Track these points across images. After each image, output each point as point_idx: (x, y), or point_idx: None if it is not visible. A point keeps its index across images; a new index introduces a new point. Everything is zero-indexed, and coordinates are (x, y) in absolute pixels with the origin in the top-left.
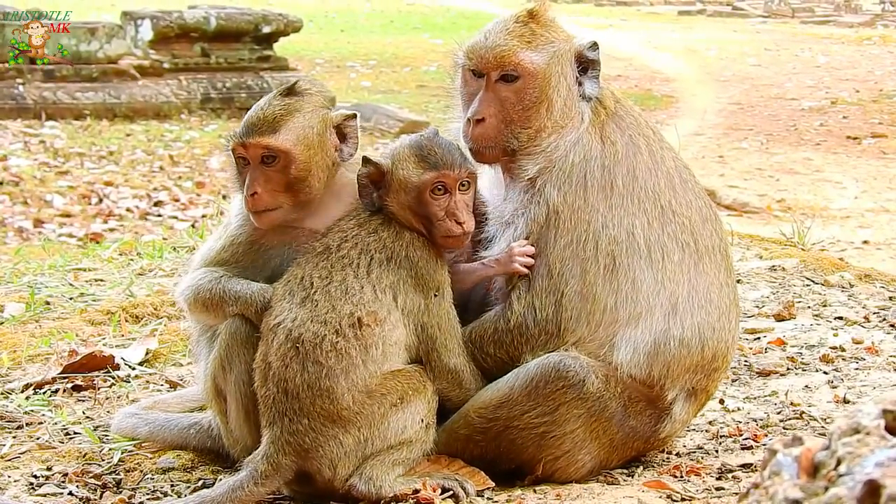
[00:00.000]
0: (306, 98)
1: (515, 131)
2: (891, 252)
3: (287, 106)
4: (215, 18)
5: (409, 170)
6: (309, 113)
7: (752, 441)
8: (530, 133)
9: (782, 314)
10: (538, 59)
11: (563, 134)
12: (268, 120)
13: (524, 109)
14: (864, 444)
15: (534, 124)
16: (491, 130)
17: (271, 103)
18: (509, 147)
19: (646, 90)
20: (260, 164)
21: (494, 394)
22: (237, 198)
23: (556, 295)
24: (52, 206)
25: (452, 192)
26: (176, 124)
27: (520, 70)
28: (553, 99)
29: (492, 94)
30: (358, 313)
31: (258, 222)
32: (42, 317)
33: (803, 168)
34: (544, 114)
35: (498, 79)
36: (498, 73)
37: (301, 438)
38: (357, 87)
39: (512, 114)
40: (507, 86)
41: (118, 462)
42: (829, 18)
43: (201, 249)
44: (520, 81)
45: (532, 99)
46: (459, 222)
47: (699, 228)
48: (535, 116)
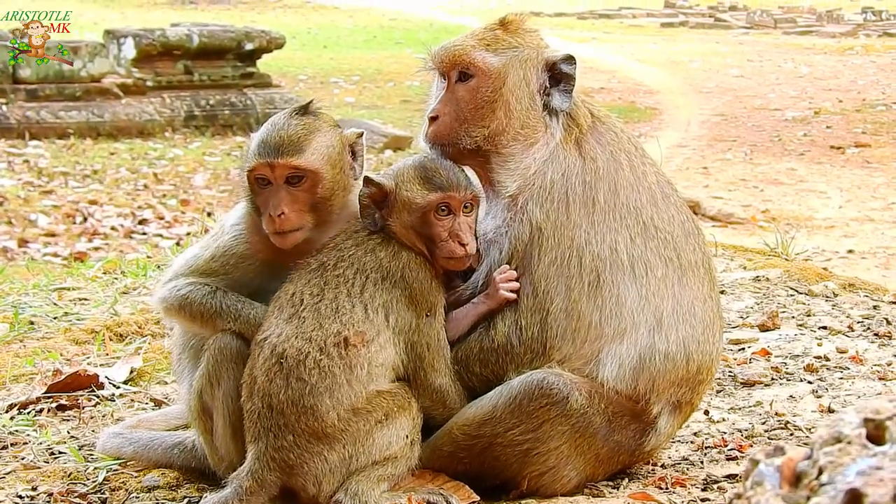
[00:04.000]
0: (321, 117)
1: (468, 129)
2: (875, 261)
3: (307, 125)
4: (198, 36)
5: (414, 191)
6: (328, 132)
7: (737, 452)
8: (485, 133)
9: (766, 324)
10: (494, 59)
11: (535, 148)
12: (293, 140)
13: (476, 108)
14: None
15: (489, 125)
16: (444, 128)
17: (290, 123)
18: (463, 145)
19: (629, 102)
20: (285, 185)
21: (478, 411)
22: (236, 210)
23: (542, 313)
24: (36, 226)
25: (456, 214)
26: (160, 142)
27: (472, 69)
28: (510, 102)
29: (450, 94)
30: (345, 332)
31: (280, 243)
32: (26, 336)
33: (787, 178)
34: (501, 116)
35: (457, 79)
36: (456, 73)
37: (286, 455)
38: (341, 102)
39: (465, 112)
40: (463, 84)
41: (103, 481)
42: (812, 29)
43: (184, 256)
44: (474, 80)
45: (484, 97)
46: (462, 244)
47: (682, 243)
48: (489, 116)
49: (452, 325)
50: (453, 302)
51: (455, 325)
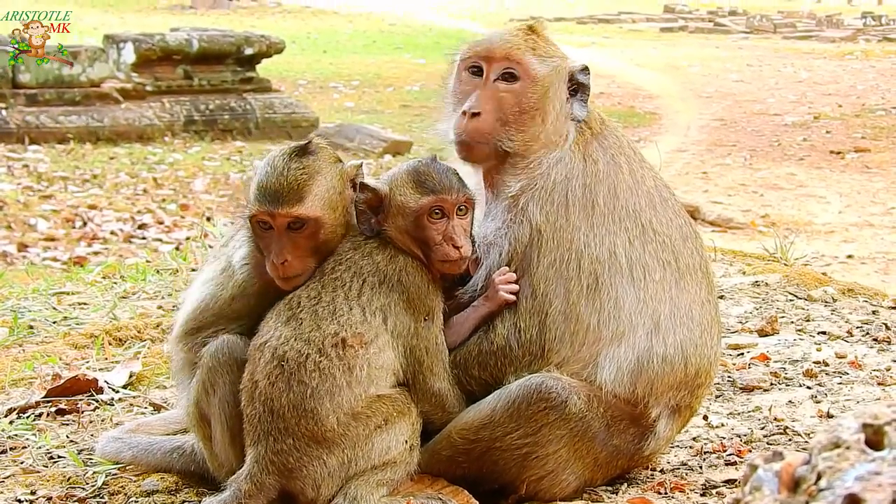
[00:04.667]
0: (321, 155)
1: (510, 133)
2: (875, 266)
3: (306, 169)
4: (197, 41)
5: (407, 195)
6: (328, 173)
7: (736, 457)
8: (523, 139)
9: (765, 329)
10: (540, 66)
11: (549, 151)
12: (292, 188)
13: (521, 112)
14: (845, 458)
15: (528, 131)
16: (486, 126)
17: (290, 167)
18: (500, 148)
19: (629, 107)
20: (286, 231)
21: (477, 415)
22: (241, 247)
23: (540, 315)
24: (36, 231)
25: (450, 217)
26: (159, 147)
27: (521, 71)
28: (548, 111)
29: (490, 92)
30: (343, 334)
31: (285, 286)
32: (25, 341)
33: (787, 183)
34: (539, 124)
35: (497, 77)
36: (499, 70)
37: (285, 458)
38: (340, 107)
39: (508, 114)
40: (507, 85)
41: (102, 485)
42: (811, 34)
43: (197, 295)
44: (519, 83)
45: (530, 104)
46: (457, 246)
47: (680, 246)
48: (530, 123)
49: (454, 329)
50: (454, 307)
51: (456, 329)
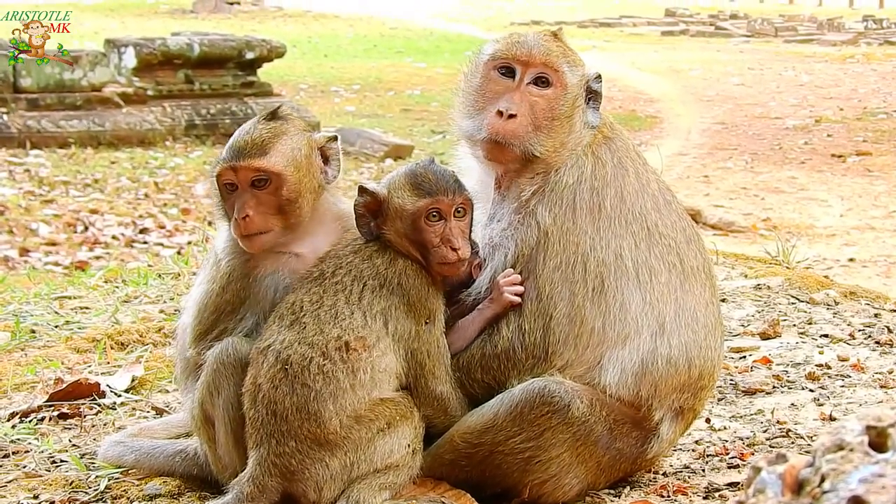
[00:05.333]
0: (289, 122)
1: (541, 138)
2: (877, 269)
3: (273, 129)
4: (198, 45)
5: (405, 197)
6: (295, 135)
7: (739, 460)
8: (552, 146)
9: (768, 332)
10: (571, 75)
11: (569, 159)
12: (256, 143)
13: (553, 119)
14: (848, 460)
15: (557, 138)
16: (521, 129)
17: (256, 127)
18: (530, 152)
19: (630, 111)
20: (250, 188)
21: (479, 419)
22: (222, 233)
23: (545, 318)
24: (37, 235)
25: (448, 219)
26: (160, 151)
27: (555, 77)
28: (574, 118)
29: (523, 95)
30: (346, 337)
31: (248, 246)
32: (27, 345)
33: (788, 187)
34: (566, 131)
35: (531, 81)
36: (534, 73)
37: (287, 460)
38: (341, 111)
39: (541, 119)
40: (539, 90)
41: (105, 489)
42: (813, 37)
43: (195, 296)
44: (551, 90)
45: (561, 111)
46: (454, 248)
47: (684, 249)
48: (559, 130)
49: (459, 334)
50: (458, 311)
51: (461, 334)
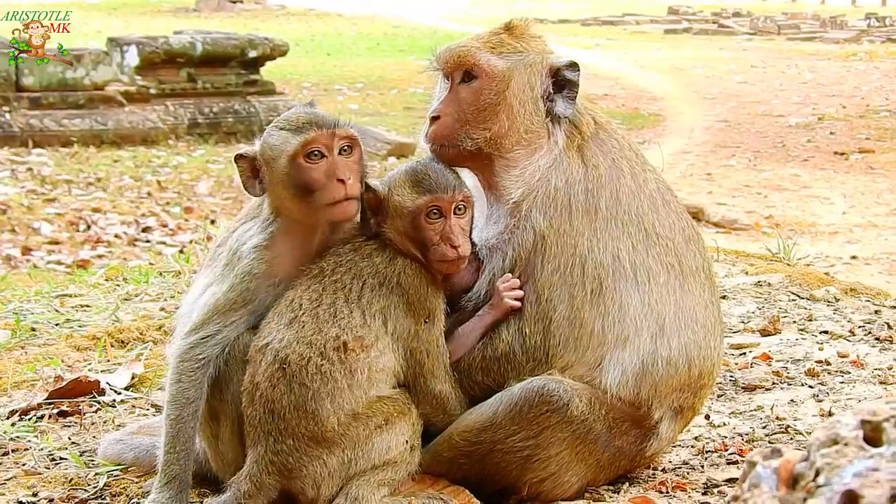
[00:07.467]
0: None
1: (469, 131)
2: (879, 267)
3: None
4: (201, 44)
5: (404, 195)
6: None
7: (738, 456)
8: (487, 136)
9: (768, 329)
10: (498, 62)
11: (538, 154)
12: (331, 116)
13: (479, 109)
14: (843, 454)
15: (490, 127)
16: (444, 128)
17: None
18: (464, 147)
19: (633, 109)
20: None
21: (478, 417)
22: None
23: (545, 321)
24: (40, 234)
25: (447, 217)
26: (163, 150)
27: (476, 70)
28: (513, 105)
29: (453, 95)
30: (344, 337)
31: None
32: (28, 343)
33: (791, 184)
34: (504, 119)
35: (461, 80)
36: (460, 74)
37: (285, 458)
38: (344, 109)
39: (467, 113)
40: (466, 86)
41: (104, 487)
42: (815, 35)
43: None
44: (477, 82)
45: (487, 99)
46: (454, 246)
47: (683, 249)
48: (491, 119)
49: (460, 341)
50: (459, 317)
51: (462, 341)
